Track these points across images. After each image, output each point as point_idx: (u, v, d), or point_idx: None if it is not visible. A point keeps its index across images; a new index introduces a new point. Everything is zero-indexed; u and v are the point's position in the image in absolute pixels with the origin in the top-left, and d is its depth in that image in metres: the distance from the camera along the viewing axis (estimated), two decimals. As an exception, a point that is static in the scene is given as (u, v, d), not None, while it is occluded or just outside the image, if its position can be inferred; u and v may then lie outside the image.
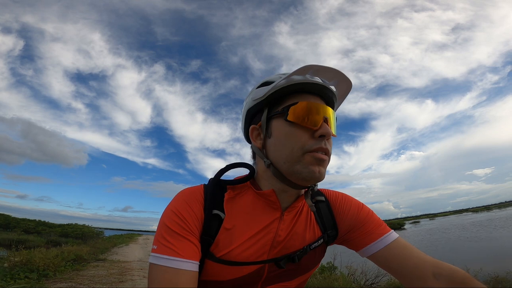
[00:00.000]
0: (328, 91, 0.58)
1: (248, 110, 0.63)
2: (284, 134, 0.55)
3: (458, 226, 30.06)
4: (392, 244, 0.60)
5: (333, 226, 0.66)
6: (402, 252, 0.59)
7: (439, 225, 40.79)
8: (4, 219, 39.23)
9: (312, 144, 0.53)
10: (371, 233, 0.63)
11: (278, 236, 0.59)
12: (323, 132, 0.53)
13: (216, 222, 0.56)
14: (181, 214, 0.54)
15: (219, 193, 0.60)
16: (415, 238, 20.61)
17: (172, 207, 0.56)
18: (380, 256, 0.60)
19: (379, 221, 0.65)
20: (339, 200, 0.68)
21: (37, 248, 6.21)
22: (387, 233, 0.62)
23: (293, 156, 0.54)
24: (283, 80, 0.56)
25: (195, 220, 0.55)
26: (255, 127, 0.62)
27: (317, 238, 0.64)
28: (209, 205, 0.57)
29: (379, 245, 0.61)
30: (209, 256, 0.55)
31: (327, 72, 0.56)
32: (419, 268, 0.56)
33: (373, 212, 0.68)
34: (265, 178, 0.61)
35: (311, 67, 0.54)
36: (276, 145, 0.57)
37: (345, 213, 0.66)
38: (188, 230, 0.53)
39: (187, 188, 0.61)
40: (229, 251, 0.56)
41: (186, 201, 0.56)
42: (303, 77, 0.56)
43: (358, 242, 0.64)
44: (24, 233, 27.79)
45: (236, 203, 0.60)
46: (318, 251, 0.64)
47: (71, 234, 27.60)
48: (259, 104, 0.60)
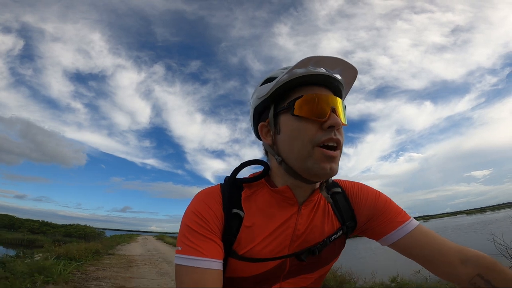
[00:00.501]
0: (333, 80, 0.57)
1: (255, 109, 0.63)
2: (292, 129, 0.55)
3: (441, 228, 31.25)
4: (414, 231, 0.59)
5: (352, 217, 0.65)
6: (425, 239, 0.58)
7: (438, 226, 40.69)
8: (8, 219, 41.04)
9: (321, 136, 0.53)
10: (391, 221, 0.62)
11: (297, 230, 0.60)
12: (331, 122, 0.52)
13: (236, 221, 0.57)
14: (202, 215, 0.55)
15: (236, 192, 0.61)
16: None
17: (192, 208, 0.57)
18: (403, 244, 0.59)
19: (398, 209, 0.64)
20: (356, 190, 0.68)
21: (67, 244, 8.30)
22: (407, 220, 0.61)
23: (304, 150, 0.54)
24: (285, 75, 0.55)
25: (216, 220, 0.56)
26: (264, 125, 0.62)
27: (336, 229, 0.64)
28: (228, 204, 0.58)
29: (400, 233, 0.60)
30: (232, 254, 0.57)
31: (329, 62, 0.55)
32: (445, 254, 0.55)
33: (391, 200, 0.67)
34: (278, 174, 0.62)
35: (312, 59, 0.53)
36: (285, 141, 0.57)
37: (363, 203, 0.65)
38: (209, 230, 0.54)
39: (205, 189, 0.62)
40: (250, 248, 0.57)
41: (205, 202, 0.58)
42: (306, 69, 0.55)
43: (378, 231, 0.63)
44: (30, 233, 29.64)
45: (254, 201, 0.61)
46: (337, 243, 0.64)
47: (75, 234, 29.42)
48: (265, 101, 0.60)
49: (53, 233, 29.78)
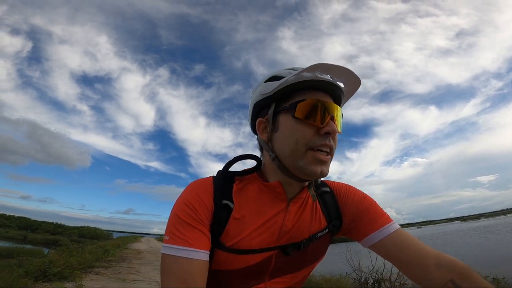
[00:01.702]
0: (337, 89, 0.59)
1: (255, 104, 0.64)
2: (290, 129, 0.57)
3: (429, 235, 31.93)
4: (394, 233, 0.61)
5: (338, 216, 0.67)
6: (404, 242, 0.59)
7: (420, 233, 42.37)
8: (25, 221, 45.63)
9: (316, 141, 0.55)
10: (373, 222, 0.63)
11: (285, 226, 0.61)
12: (328, 129, 0.55)
13: (226, 212, 0.58)
14: (192, 204, 0.56)
15: (228, 184, 0.62)
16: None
17: (183, 198, 0.57)
18: (382, 245, 0.61)
19: (381, 212, 0.66)
20: (344, 190, 0.70)
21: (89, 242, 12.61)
22: (389, 223, 0.63)
23: (297, 151, 0.55)
24: (293, 77, 0.56)
25: (206, 210, 0.56)
26: (262, 120, 0.63)
27: (323, 228, 0.65)
28: (219, 195, 0.58)
29: (381, 234, 0.61)
30: (219, 246, 0.57)
31: (336, 70, 0.57)
32: (421, 257, 0.57)
33: (376, 203, 0.68)
34: (271, 170, 0.63)
35: (321, 65, 0.55)
36: (281, 139, 0.58)
37: (349, 203, 0.67)
38: (199, 220, 0.55)
39: (197, 180, 0.62)
40: (238, 241, 0.57)
41: (196, 192, 0.58)
42: (313, 74, 0.56)
43: (360, 231, 0.65)
44: (48, 234, 34.00)
45: (244, 194, 0.62)
46: (323, 240, 0.66)
47: (87, 235, 33.83)
48: (267, 98, 0.61)
49: (69, 234, 34.19)
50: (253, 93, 0.67)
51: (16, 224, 42.25)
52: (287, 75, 0.58)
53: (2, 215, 46.20)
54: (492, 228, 28.71)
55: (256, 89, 0.65)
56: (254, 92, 0.65)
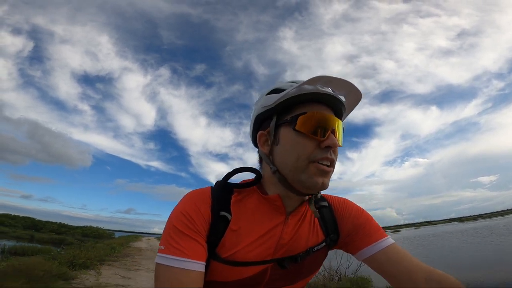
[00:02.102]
0: (338, 102, 0.59)
1: (257, 116, 0.64)
2: (291, 142, 0.57)
3: (415, 237, 32.28)
4: (388, 248, 0.62)
5: (335, 230, 0.68)
6: (396, 257, 0.61)
7: (417, 234, 42.25)
8: (31, 221, 47.32)
9: (317, 154, 0.55)
10: (368, 236, 0.65)
11: (282, 239, 0.61)
12: (329, 143, 0.55)
13: (223, 224, 0.58)
14: (189, 214, 0.55)
15: (226, 195, 0.61)
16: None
17: (180, 207, 0.57)
18: (376, 259, 0.62)
19: (377, 226, 0.68)
20: (341, 205, 0.71)
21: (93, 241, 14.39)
22: (383, 238, 0.64)
23: (299, 165, 0.56)
24: (294, 89, 0.57)
25: (203, 221, 0.56)
26: (263, 133, 0.63)
27: (320, 241, 0.66)
28: (217, 206, 0.58)
29: (375, 248, 0.63)
30: (214, 257, 0.56)
31: (338, 83, 0.57)
32: (412, 272, 0.58)
33: (372, 218, 0.70)
34: (270, 183, 0.63)
35: (323, 78, 0.55)
36: (282, 152, 0.58)
37: (346, 218, 0.68)
38: (195, 230, 0.54)
39: (195, 190, 0.62)
40: (234, 253, 0.57)
41: (194, 202, 0.58)
42: (314, 87, 0.57)
43: (355, 245, 0.66)
44: (53, 233, 35.70)
45: (243, 206, 0.61)
46: (320, 253, 0.67)
47: (90, 235, 35.55)
48: (269, 111, 0.61)
49: (73, 234, 35.91)
50: (255, 105, 0.67)
51: (21, 223, 43.82)
52: (288, 87, 0.59)
53: (7, 215, 47.83)
54: (483, 230, 29.32)
55: (258, 102, 0.65)
56: (256, 104, 0.67)
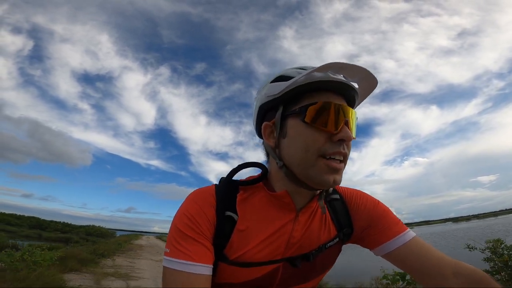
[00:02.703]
0: (351, 90, 0.54)
1: (260, 106, 0.59)
2: (300, 135, 0.52)
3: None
4: (410, 242, 0.59)
5: (349, 224, 0.64)
6: (421, 251, 0.57)
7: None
8: (35, 221, 49.65)
9: (329, 148, 0.51)
10: (387, 230, 0.61)
11: (293, 238, 0.58)
12: (343, 136, 0.51)
13: (229, 224, 0.55)
14: (193, 217, 0.53)
15: (231, 194, 0.59)
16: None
17: (183, 210, 0.55)
18: (397, 254, 0.59)
19: (395, 219, 0.63)
20: (354, 197, 0.67)
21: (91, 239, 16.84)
22: (404, 231, 0.60)
23: (308, 159, 0.52)
24: (303, 77, 0.51)
25: (207, 222, 0.54)
26: (268, 124, 0.58)
27: (333, 237, 0.62)
28: (221, 206, 0.56)
29: (396, 243, 0.59)
30: (222, 259, 0.55)
31: (351, 69, 0.52)
32: (439, 267, 0.55)
33: (389, 210, 0.66)
34: (277, 178, 0.59)
35: (334, 64, 0.50)
36: (290, 146, 0.54)
37: (361, 211, 0.64)
38: (200, 233, 0.53)
39: (198, 190, 0.59)
40: (242, 253, 0.55)
41: (197, 203, 0.55)
42: (325, 74, 0.52)
43: (373, 240, 0.62)
44: (59, 232, 37.99)
45: (249, 204, 0.58)
46: (333, 250, 0.63)
47: (94, 233, 37.81)
48: (274, 100, 0.56)
49: (77, 232, 38.18)
50: (258, 93, 0.62)
51: (26, 223, 46.10)
52: (296, 75, 0.53)
53: (12, 215, 50.08)
54: (458, 231, 29.77)
55: (262, 90, 0.60)
56: (259, 93, 0.61)
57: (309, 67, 0.55)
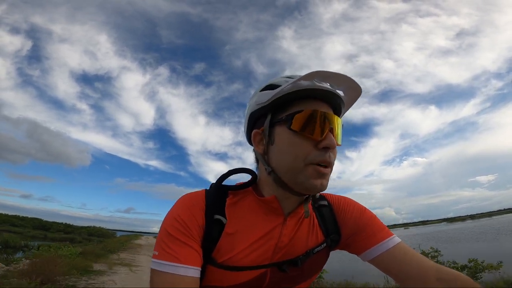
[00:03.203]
0: (336, 97, 0.56)
1: (251, 114, 0.61)
2: (287, 142, 0.54)
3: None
4: (394, 248, 0.60)
5: (336, 230, 0.65)
6: (404, 257, 0.58)
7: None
8: (38, 222, 51.71)
9: (315, 156, 0.52)
10: (373, 236, 0.62)
11: (281, 242, 0.59)
12: (327, 143, 0.52)
13: (218, 227, 0.56)
14: (182, 220, 0.54)
15: (221, 198, 0.60)
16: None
17: (173, 213, 0.56)
18: (382, 260, 0.60)
19: (381, 225, 0.65)
20: (342, 204, 0.68)
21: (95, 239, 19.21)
22: (389, 237, 0.61)
23: (295, 166, 0.53)
24: (289, 85, 0.53)
25: (196, 225, 0.55)
26: (257, 132, 0.60)
27: (320, 242, 0.63)
28: (211, 210, 0.57)
29: (380, 248, 0.60)
30: (210, 262, 0.55)
31: (336, 78, 0.54)
32: (422, 272, 0.56)
33: (375, 216, 0.67)
34: (266, 184, 0.60)
35: (320, 73, 0.52)
36: (278, 153, 0.56)
37: (348, 217, 0.66)
38: (189, 235, 0.53)
39: (188, 194, 0.60)
40: (230, 257, 0.55)
41: (187, 206, 0.56)
42: (311, 83, 0.54)
43: (359, 245, 0.63)
44: (62, 233, 40.14)
45: (238, 208, 0.59)
46: (321, 255, 0.64)
47: (95, 234, 40.05)
48: (263, 108, 0.58)
49: (79, 233, 40.39)
50: (249, 101, 0.64)
51: (30, 224, 48.04)
52: (283, 83, 0.56)
53: (16, 216, 52.07)
54: (440, 233, 30.23)
55: (252, 98, 0.62)
56: (250, 101, 0.63)
57: (296, 75, 0.57)
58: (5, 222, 43.83)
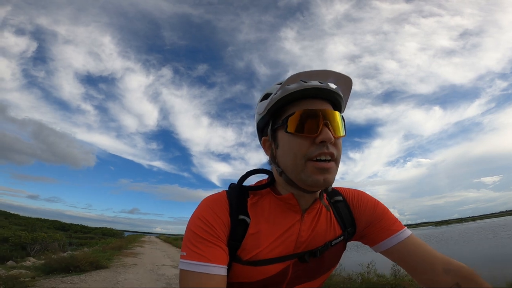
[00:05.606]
0: (329, 92, 0.58)
1: (257, 124, 0.67)
2: (287, 144, 0.58)
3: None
4: (406, 240, 0.63)
5: (352, 224, 0.69)
6: (415, 248, 0.62)
7: None
8: (58, 223, 59.30)
9: (313, 151, 0.55)
10: (386, 229, 0.66)
11: (301, 237, 0.62)
12: (323, 138, 0.54)
13: (242, 227, 0.59)
14: (208, 221, 0.57)
15: (243, 198, 0.63)
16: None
17: (198, 214, 0.59)
18: (394, 251, 0.64)
19: (393, 218, 0.68)
20: (356, 198, 0.71)
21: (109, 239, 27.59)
22: (401, 229, 0.65)
23: (297, 164, 0.56)
24: (278, 92, 0.57)
25: (222, 225, 0.58)
26: (265, 139, 0.65)
27: (338, 235, 0.67)
28: (235, 210, 0.60)
29: (393, 240, 0.64)
30: (236, 260, 0.59)
31: (321, 75, 0.56)
32: (431, 263, 0.59)
33: (388, 210, 0.70)
34: (281, 184, 0.65)
35: (303, 74, 0.54)
36: (282, 155, 0.60)
37: (362, 210, 0.69)
38: (215, 235, 0.56)
39: (211, 196, 0.63)
40: (255, 254, 0.59)
41: (211, 208, 0.59)
42: (298, 84, 0.56)
43: (373, 237, 0.67)
44: (81, 233, 47.69)
45: (259, 208, 0.63)
46: (338, 247, 0.68)
47: (108, 234, 47.46)
48: (264, 117, 0.63)
49: (95, 233, 47.98)
50: (255, 112, 0.69)
51: (53, 226, 55.75)
52: (274, 91, 0.59)
53: (39, 219, 59.52)
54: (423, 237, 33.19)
55: (256, 109, 0.67)
56: (255, 111, 0.68)
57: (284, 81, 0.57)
58: (30, 224, 51.33)
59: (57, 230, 50.82)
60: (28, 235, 13.10)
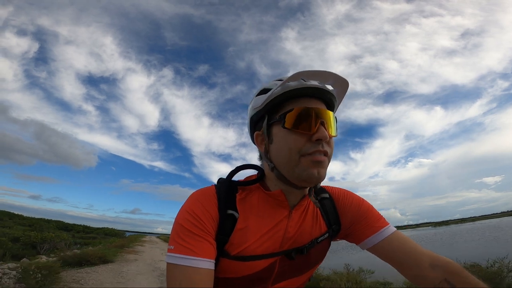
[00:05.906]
0: (325, 92, 0.60)
1: (251, 118, 0.67)
2: (283, 140, 0.59)
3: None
4: (391, 236, 0.65)
5: (336, 221, 0.70)
6: (400, 244, 0.63)
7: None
8: (61, 224, 60.62)
9: (309, 148, 0.56)
10: (371, 226, 0.67)
11: (288, 233, 0.63)
12: (319, 136, 0.56)
13: (230, 222, 0.60)
14: (196, 214, 0.57)
15: (231, 193, 0.63)
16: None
17: (186, 208, 0.59)
18: (380, 247, 0.65)
19: (378, 215, 0.70)
20: (342, 196, 0.73)
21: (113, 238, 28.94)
22: (386, 226, 0.67)
23: (291, 160, 0.57)
24: (279, 88, 0.58)
25: (210, 219, 0.58)
26: (259, 133, 0.66)
27: (323, 232, 0.68)
28: (223, 205, 0.60)
29: (378, 237, 0.65)
30: (223, 254, 0.59)
31: (321, 76, 0.58)
32: (417, 258, 0.60)
33: (372, 207, 0.72)
34: (271, 179, 0.66)
35: (305, 73, 0.56)
36: (276, 150, 0.60)
37: (347, 208, 0.71)
38: (203, 229, 0.56)
39: (200, 190, 0.64)
40: (243, 249, 0.59)
41: (200, 201, 0.60)
42: (299, 82, 0.58)
43: (359, 235, 0.68)
44: (83, 233, 48.95)
45: (248, 203, 0.64)
46: (323, 244, 0.69)
47: (110, 234, 48.67)
48: (260, 112, 0.63)
49: (97, 233, 49.19)
50: (248, 107, 0.69)
51: (55, 226, 57.22)
52: (274, 86, 0.61)
53: (42, 219, 60.75)
54: (435, 236, 31.07)
55: (250, 104, 0.68)
56: (249, 106, 0.69)
57: (285, 77, 0.60)
58: (38, 224, 52.48)
59: (60, 230, 52.52)
60: (38, 235, 14.38)
